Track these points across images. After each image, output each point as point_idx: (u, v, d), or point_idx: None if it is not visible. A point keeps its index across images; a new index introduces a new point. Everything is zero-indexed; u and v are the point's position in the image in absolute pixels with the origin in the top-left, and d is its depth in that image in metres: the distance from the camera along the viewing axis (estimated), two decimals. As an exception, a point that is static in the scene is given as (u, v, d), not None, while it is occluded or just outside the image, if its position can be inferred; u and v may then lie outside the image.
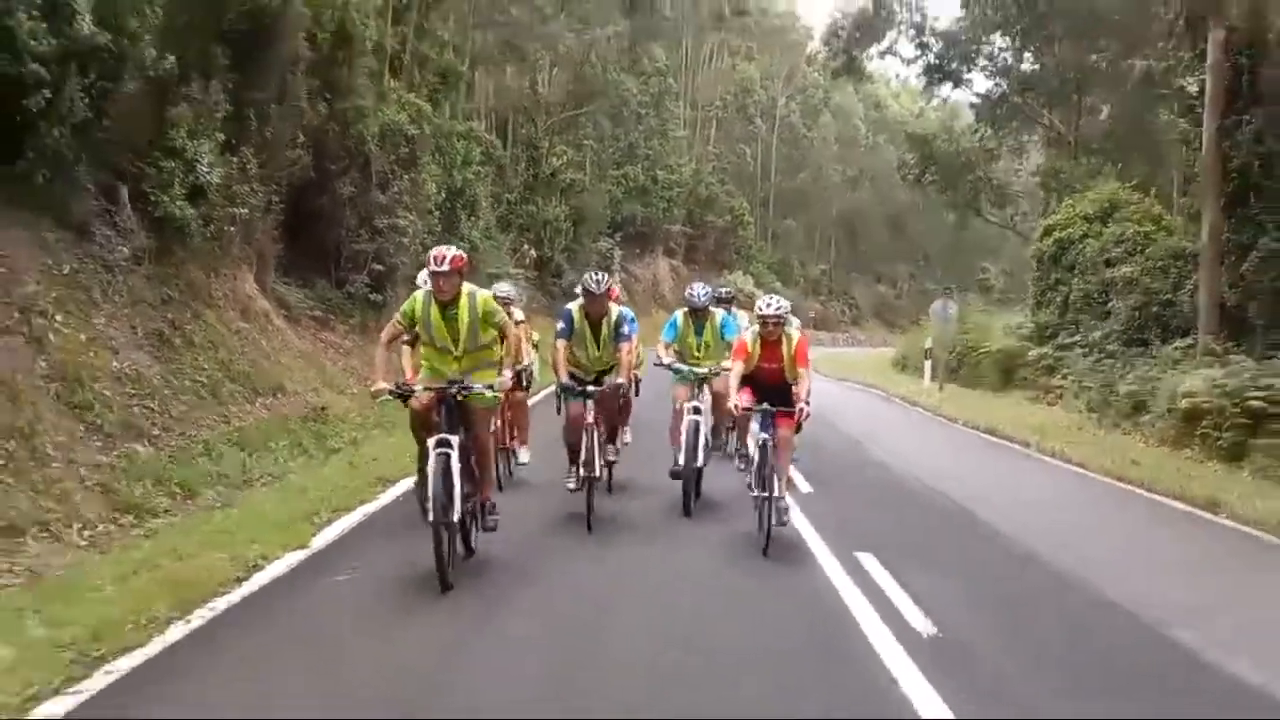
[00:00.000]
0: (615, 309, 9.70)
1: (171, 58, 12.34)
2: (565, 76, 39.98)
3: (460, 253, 7.22)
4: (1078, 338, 22.89)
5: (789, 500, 8.92)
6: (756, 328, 9.10)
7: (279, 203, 16.55)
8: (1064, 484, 13.91)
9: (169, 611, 6.04)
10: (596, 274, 9.73)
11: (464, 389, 7.17)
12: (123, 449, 9.72)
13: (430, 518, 6.68)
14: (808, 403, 8.57)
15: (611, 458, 10.23)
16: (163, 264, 12.81)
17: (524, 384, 10.87)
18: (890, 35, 35.83)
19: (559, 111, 42.97)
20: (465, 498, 7.10)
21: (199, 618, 6.11)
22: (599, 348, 9.66)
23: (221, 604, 6.33)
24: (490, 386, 7.27)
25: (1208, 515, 11.19)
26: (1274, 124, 17.98)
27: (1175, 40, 20.12)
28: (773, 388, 8.90)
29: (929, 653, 5.97)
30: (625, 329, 9.61)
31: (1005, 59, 34.39)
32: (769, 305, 9.05)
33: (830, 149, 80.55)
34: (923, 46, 33.98)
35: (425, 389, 7.27)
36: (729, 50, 71.55)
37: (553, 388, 10.45)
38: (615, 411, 10.04)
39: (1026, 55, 33.88)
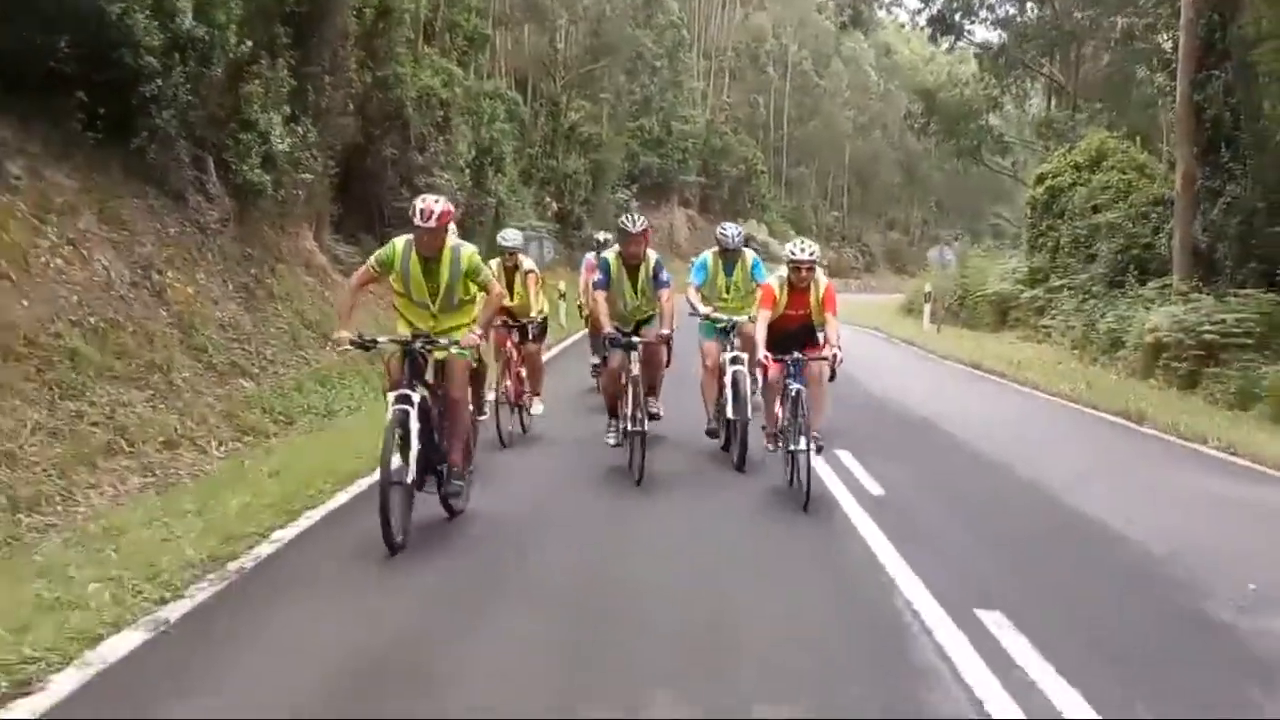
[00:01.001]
0: (652, 255, 9.32)
1: (248, 42, 14.14)
2: (582, 33, 41.37)
3: (449, 206, 6.80)
4: (1066, 280, 24.60)
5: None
6: (784, 272, 8.68)
7: (333, 166, 18.37)
8: (1021, 404, 15.87)
9: (331, 487, 8.07)
10: (631, 214, 9.62)
11: (428, 343, 6.79)
12: (233, 384, 11.69)
13: (379, 475, 6.32)
14: (839, 347, 8.30)
15: (654, 410, 9.53)
16: (243, 225, 14.71)
17: (535, 335, 10.83)
18: (895, -11, 37.12)
19: (576, 67, 44.46)
20: (436, 459, 6.84)
21: (356, 488, 8.15)
22: (637, 295, 9.33)
23: (364, 481, 8.20)
24: (455, 343, 6.88)
25: (1133, 425, 13.12)
26: (1242, 78, 19.51)
27: (1153, -1, 21.54)
28: (796, 334, 8.61)
29: (878, 508, 8.01)
30: (664, 275, 9.17)
31: (1007, 10, 35.65)
32: (801, 249, 8.65)
33: (842, 96, 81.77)
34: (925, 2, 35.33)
35: (391, 340, 6.92)
36: (741, 1, 72.53)
37: (573, 339, 10.45)
38: (659, 364, 9.55)
39: (1029, 6, 35.07)
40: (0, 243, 9.62)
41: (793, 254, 8.60)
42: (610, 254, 9.42)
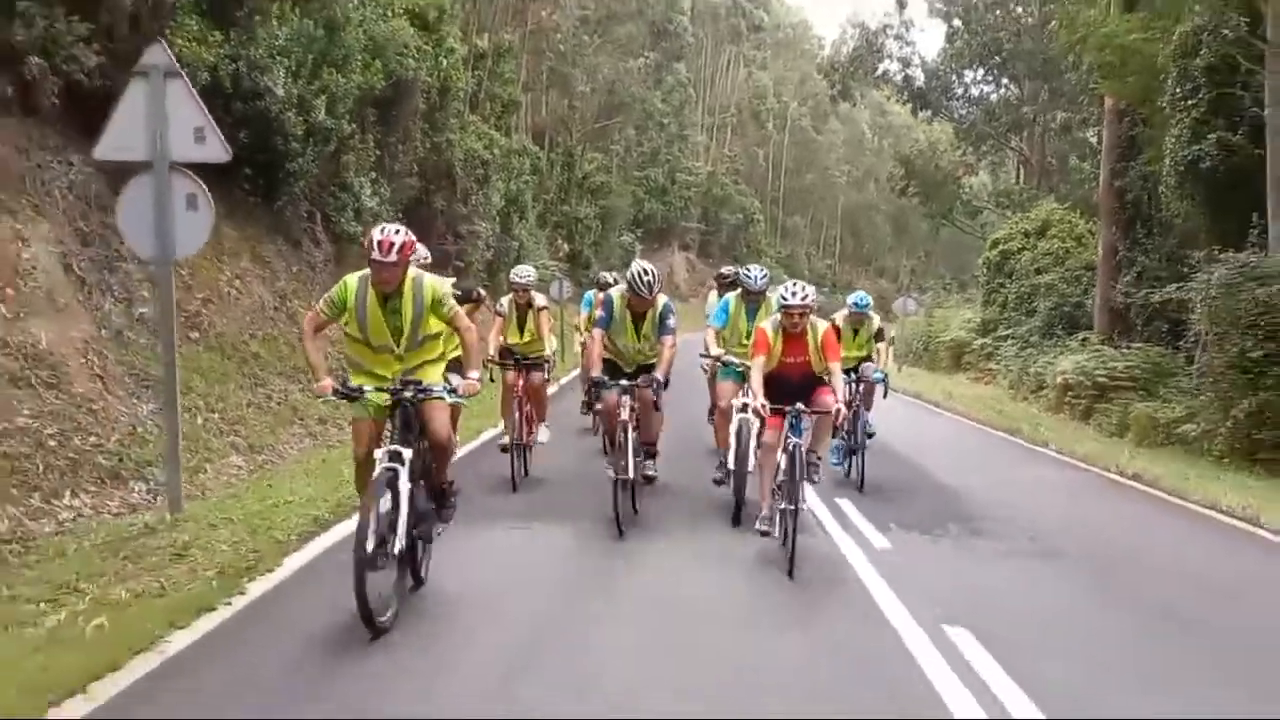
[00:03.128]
0: (662, 299, 8.61)
1: (352, 124, 18.26)
2: (598, 95, 45.66)
3: (410, 238, 6.02)
4: (1010, 331, 28.69)
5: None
6: (777, 317, 8.00)
7: (400, 217, 22.47)
8: (944, 425, 19.80)
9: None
10: (647, 271, 8.54)
11: (420, 390, 6.04)
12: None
13: (355, 550, 5.39)
14: (847, 404, 8.02)
15: (649, 471, 9.11)
16: (341, 265, 18.75)
17: (546, 370, 10.56)
18: (882, 66, 41.47)
19: (591, 123, 48.73)
20: (415, 523, 6.04)
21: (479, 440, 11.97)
22: (639, 339, 8.77)
23: (488, 434, 11.92)
24: (452, 390, 6.24)
25: (1021, 442, 17.09)
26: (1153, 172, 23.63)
27: (1082, 99, 25.76)
28: (798, 386, 7.95)
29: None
30: (670, 321, 8.54)
31: (979, 90, 40.01)
32: (793, 293, 7.89)
33: (837, 151, 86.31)
34: (908, 79, 39.62)
35: (379, 389, 6.06)
36: (744, 60, 77.20)
37: (574, 375, 10.04)
38: (652, 409, 8.78)
39: (1000, 86, 39.43)
40: (202, 277, 13.69)
41: (784, 299, 7.86)
42: (616, 293, 8.72)
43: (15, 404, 8.69)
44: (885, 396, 10.79)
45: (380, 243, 5.83)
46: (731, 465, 9.02)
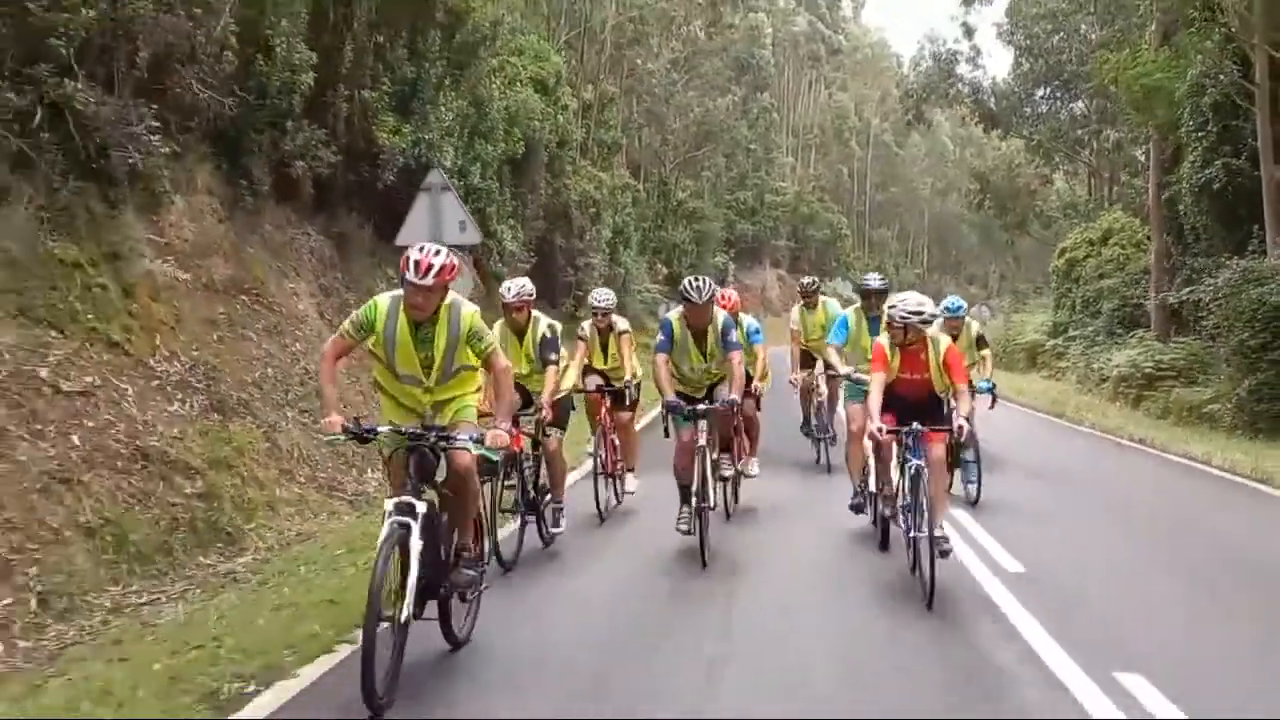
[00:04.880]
0: (721, 314, 8.37)
1: (495, 181, 22.07)
2: (689, 128, 49.24)
3: (453, 260, 5.46)
4: (1079, 332, 31.47)
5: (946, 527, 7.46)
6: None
7: (532, 257, 26.29)
8: (1011, 413, 22.79)
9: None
10: (697, 279, 8.33)
11: (443, 438, 5.48)
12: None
13: (366, 612, 4.85)
14: (969, 420, 7.52)
15: (727, 472, 9.21)
16: (492, 297, 22.57)
17: (630, 401, 10.22)
18: (953, 90, 44.38)
19: (683, 153, 52.38)
20: (440, 579, 5.60)
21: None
22: (705, 359, 8.43)
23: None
24: (479, 441, 5.45)
25: (1076, 426, 20.14)
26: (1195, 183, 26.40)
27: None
28: (918, 405, 7.48)
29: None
30: (733, 335, 8.26)
31: (1046, 107, 42.69)
32: (908, 306, 7.35)
33: (920, 164, 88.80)
34: (978, 102, 42.51)
35: (394, 431, 5.53)
36: (825, 82, 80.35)
37: (657, 410, 9.77)
38: (730, 432, 9.08)
39: (1064, 106, 42.11)
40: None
41: (898, 314, 7.31)
42: (674, 314, 8.47)
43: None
44: (992, 407, 10.56)
45: (418, 263, 5.24)
46: (870, 486, 8.76)
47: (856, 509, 9.15)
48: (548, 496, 8.82)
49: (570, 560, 8.41)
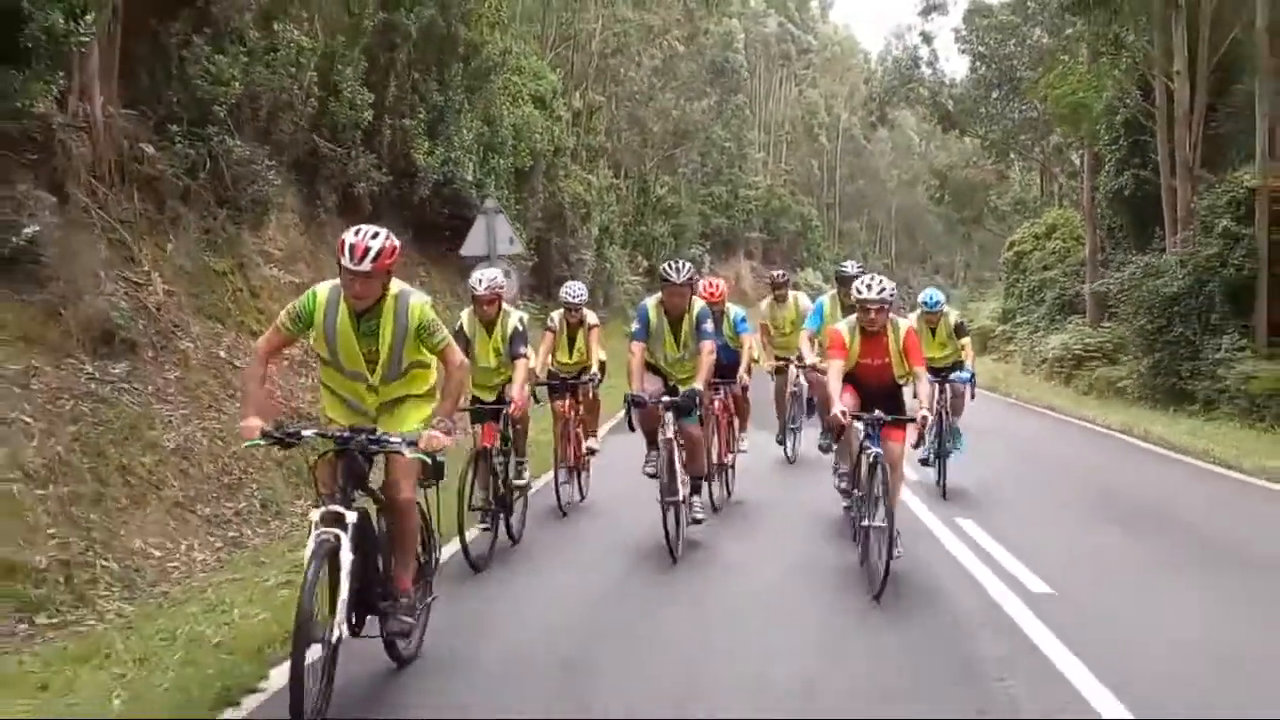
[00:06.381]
0: (697, 303, 8.27)
1: (505, 191, 25.08)
2: (668, 130, 52.23)
3: (393, 243, 4.91)
4: (1024, 318, 34.82)
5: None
6: (854, 316, 7.37)
7: (533, 256, 29.30)
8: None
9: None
10: (676, 261, 8.22)
11: (373, 441, 4.93)
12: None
13: (294, 635, 4.38)
14: (931, 410, 7.46)
15: (698, 515, 8.55)
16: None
17: (595, 386, 10.14)
18: (914, 93, 47.56)
19: (660, 151, 55.43)
20: (369, 598, 5.04)
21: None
22: (679, 348, 8.32)
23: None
24: (412, 443, 4.91)
25: (1011, 399, 23.43)
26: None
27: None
28: (879, 391, 7.39)
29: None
30: (708, 325, 8.16)
31: (998, 108, 45.91)
32: (869, 288, 7.18)
33: (887, 157, 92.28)
34: (936, 104, 45.71)
35: (319, 435, 5.03)
36: (795, 79, 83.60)
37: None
38: (701, 465, 8.64)
39: (1015, 109, 45.33)
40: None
41: (859, 293, 7.20)
42: (651, 301, 8.37)
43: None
44: (973, 398, 10.56)
45: (353, 246, 4.79)
46: (842, 485, 8.81)
47: (824, 449, 10.15)
48: (517, 494, 8.60)
49: (540, 559, 8.13)
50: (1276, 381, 17.00)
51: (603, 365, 10.30)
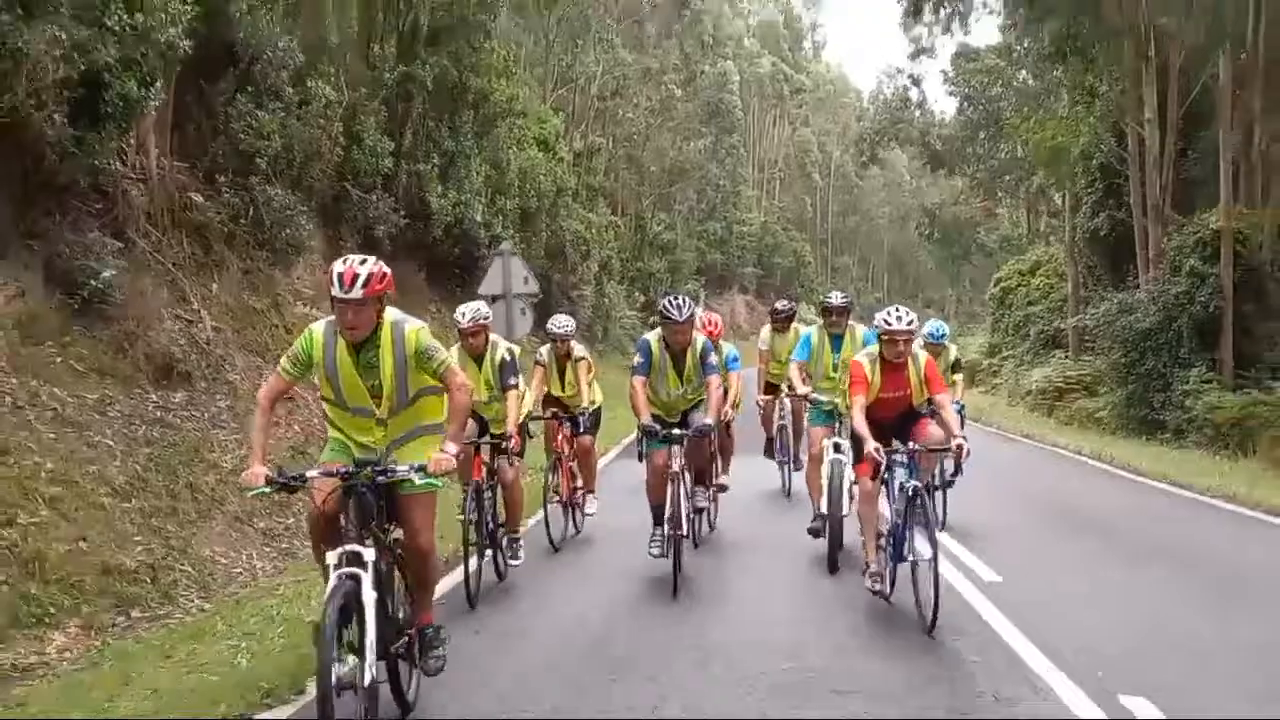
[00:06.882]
0: (700, 338, 8.14)
1: (510, 231, 26.24)
2: (665, 169, 53.64)
3: (381, 268, 4.83)
4: (1009, 352, 35.95)
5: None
6: (875, 348, 7.22)
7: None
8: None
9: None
10: (677, 297, 8.08)
11: (381, 472, 4.80)
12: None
13: (316, 678, 4.23)
14: (964, 436, 7.00)
15: (701, 503, 8.97)
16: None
17: (588, 427, 9.78)
18: (903, 134, 48.96)
19: (657, 190, 56.79)
20: (390, 636, 4.84)
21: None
22: (682, 383, 8.20)
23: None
24: (420, 468, 4.81)
25: (992, 429, 24.53)
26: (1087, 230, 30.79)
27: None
28: (895, 424, 7.26)
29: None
30: (712, 359, 8.02)
31: (985, 148, 47.24)
32: (896, 318, 7.05)
33: (878, 194, 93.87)
34: (925, 145, 47.11)
35: (325, 474, 4.83)
36: (789, 118, 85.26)
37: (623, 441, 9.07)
38: (706, 458, 8.86)
39: (1000, 150, 46.66)
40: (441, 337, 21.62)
41: (886, 323, 7.05)
42: (653, 336, 8.20)
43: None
44: (962, 427, 9.59)
45: (342, 275, 4.70)
46: (824, 509, 8.56)
47: (814, 533, 9.00)
48: (503, 529, 8.29)
49: (531, 594, 7.90)
50: (1239, 411, 18.12)
51: (597, 411, 9.99)
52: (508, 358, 7.91)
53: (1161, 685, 5.57)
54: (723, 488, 10.00)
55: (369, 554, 4.54)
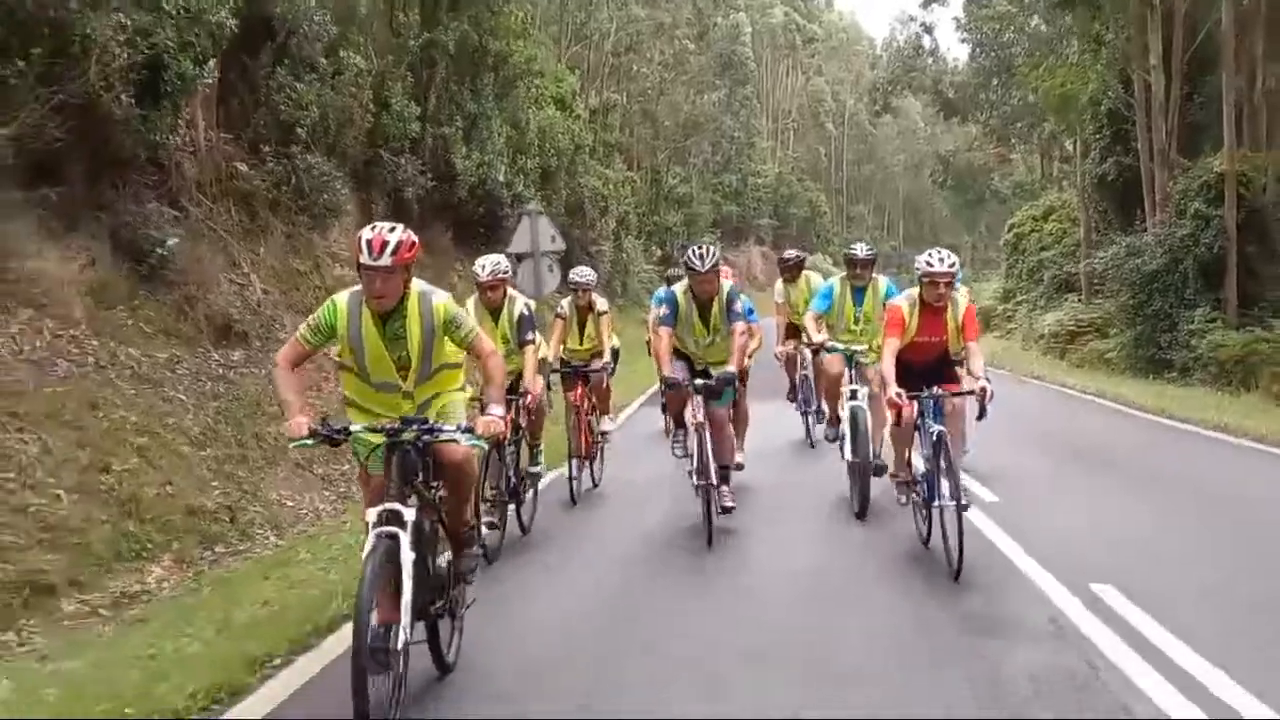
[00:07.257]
0: (726, 284, 7.96)
1: (532, 190, 26.91)
2: (679, 121, 54.08)
3: (411, 237, 4.70)
4: (1023, 297, 36.50)
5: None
6: (915, 291, 7.02)
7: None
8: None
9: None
10: (700, 246, 7.96)
11: (426, 430, 4.72)
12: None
13: (353, 642, 4.11)
14: (988, 379, 6.75)
15: (727, 503, 8.05)
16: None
17: (611, 370, 10.04)
18: (916, 82, 49.24)
19: (672, 144, 57.23)
20: (429, 597, 4.78)
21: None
22: (709, 332, 8.01)
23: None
24: (468, 430, 4.81)
25: (1004, 371, 25.11)
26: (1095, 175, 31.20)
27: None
28: (931, 367, 7.11)
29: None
30: (738, 305, 7.92)
31: (998, 94, 47.50)
32: (939, 260, 6.83)
33: (893, 142, 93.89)
34: (938, 93, 47.38)
35: (369, 429, 4.77)
36: (801, 68, 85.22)
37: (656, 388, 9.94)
38: (725, 426, 8.19)
39: (1013, 96, 46.92)
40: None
41: (929, 265, 6.83)
42: (679, 287, 8.05)
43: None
44: (981, 417, 9.36)
45: (370, 242, 4.55)
46: (849, 458, 8.49)
47: (831, 438, 9.56)
48: (528, 482, 8.33)
49: (554, 550, 7.87)
50: (1242, 349, 18.76)
51: (615, 353, 10.20)
52: (525, 312, 7.89)
53: (1128, 577, 6.39)
54: (739, 466, 8.99)
55: (409, 513, 4.47)
